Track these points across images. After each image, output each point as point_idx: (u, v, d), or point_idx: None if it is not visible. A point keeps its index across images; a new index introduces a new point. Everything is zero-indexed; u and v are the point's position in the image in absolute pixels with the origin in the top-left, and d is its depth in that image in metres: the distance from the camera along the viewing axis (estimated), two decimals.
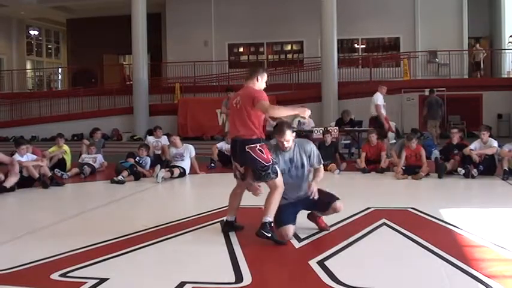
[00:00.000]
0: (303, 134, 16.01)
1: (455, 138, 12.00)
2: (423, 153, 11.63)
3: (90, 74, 29.77)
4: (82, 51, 29.96)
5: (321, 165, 6.27)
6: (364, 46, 27.01)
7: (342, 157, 13.87)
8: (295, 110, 6.04)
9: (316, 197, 6.03)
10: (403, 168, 11.46)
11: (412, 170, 11.32)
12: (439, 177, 11.15)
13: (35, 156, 11.52)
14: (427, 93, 21.27)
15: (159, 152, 13.60)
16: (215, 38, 27.18)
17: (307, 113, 5.97)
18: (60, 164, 12.94)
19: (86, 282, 4.57)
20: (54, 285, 4.59)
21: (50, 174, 11.26)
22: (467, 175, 10.90)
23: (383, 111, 14.57)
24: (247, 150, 5.76)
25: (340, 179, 11.93)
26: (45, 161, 11.53)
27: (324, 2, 21.52)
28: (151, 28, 24.56)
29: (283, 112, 6.08)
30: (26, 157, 11.18)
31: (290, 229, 5.86)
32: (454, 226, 6.51)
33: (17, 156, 11.08)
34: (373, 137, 12.72)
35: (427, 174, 11.27)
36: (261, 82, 6.07)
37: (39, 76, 33.27)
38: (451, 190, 10.13)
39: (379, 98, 14.63)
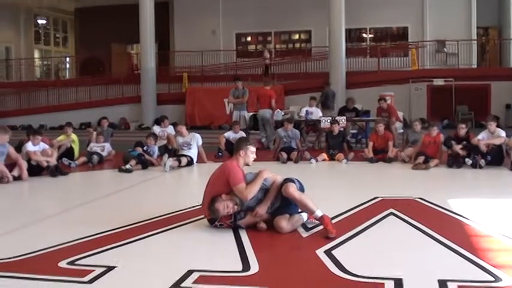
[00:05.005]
0: (310, 123, 16.06)
1: (462, 132, 11.71)
2: (441, 142, 11.59)
3: (98, 63, 29.78)
4: (90, 40, 29.95)
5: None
6: (372, 36, 26.91)
7: (349, 147, 13.86)
8: (261, 178, 6.00)
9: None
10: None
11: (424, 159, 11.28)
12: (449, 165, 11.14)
13: (47, 146, 11.54)
14: (435, 83, 21.28)
15: (165, 142, 13.64)
16: (223, 27, 27.11)
17: (267, 172, 6.07)
18: (69, 152, 12.97)
19: (93, 270, 4.59)
20: (62, 272, 4.61)
21: (55, 163, 11.28)
22: (474, 165, 10.85)
23: None
24: None
25: (348, 168, 11.94)
26: (54, 155, 11.50)
27: None
28: (159, 17, 24.53)
29: (255, 188, 5.95)
30: (38, 147, 11.22)
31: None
32: (461, 216, 6.50)
33: (29, 145, 11.13)
34: (381, 127, 12.70)
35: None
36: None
37: (47, 65, 33.29)
38: (458, 180, 10.13)
39: None
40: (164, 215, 6.77)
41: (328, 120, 14.09)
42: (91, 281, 4.37)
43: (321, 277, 4.45)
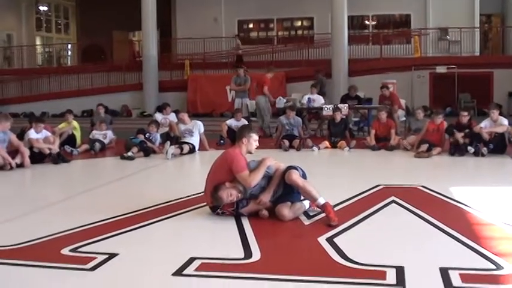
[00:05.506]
0: (312, 111, 16.04)
1: (464, 120, 11.69)
2: (444, 130, 11.55)
3: (100, 50, 29.71)
4: (91, 27, 29.82)
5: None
6: (374, 23, 26.81)
7: (351, 134, 13.85)
8: (264, 166, 5.99)
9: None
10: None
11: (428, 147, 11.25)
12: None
13: (49, 134, 11.54)
14: (438, 70, 21.21)
15: (167, 129, 13.63)
16: (225, 14, 26.97)
17: (270, 160, 6.06)
18: (70, 140, 12.97)
19: (95, 258, 4.60)
20: (64, 260, 4.62)
21: (57, 150, 11.27)
22: (477, 153, 10.81)
23: None
24: None
25: (350, 156, 11.93)
26: (56, 143, 11.50)
27: None
28: (160, 4, 24.44)
29: (258, 175, 5.94)
30: (41, 134, 11.21)
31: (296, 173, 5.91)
32: (463, 204, 6.50)
33: (31, 132, 11.12)
34: (383, 115, 12.68)
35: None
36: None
37: (49, 52, 33.21)
38: (460, 168, 10.12)
39: None
40: (166, 202, 6.78)
41: (330, 108, 14.07)
42: (93, 268, 4.38)
43: (323, 265, 4.45)
